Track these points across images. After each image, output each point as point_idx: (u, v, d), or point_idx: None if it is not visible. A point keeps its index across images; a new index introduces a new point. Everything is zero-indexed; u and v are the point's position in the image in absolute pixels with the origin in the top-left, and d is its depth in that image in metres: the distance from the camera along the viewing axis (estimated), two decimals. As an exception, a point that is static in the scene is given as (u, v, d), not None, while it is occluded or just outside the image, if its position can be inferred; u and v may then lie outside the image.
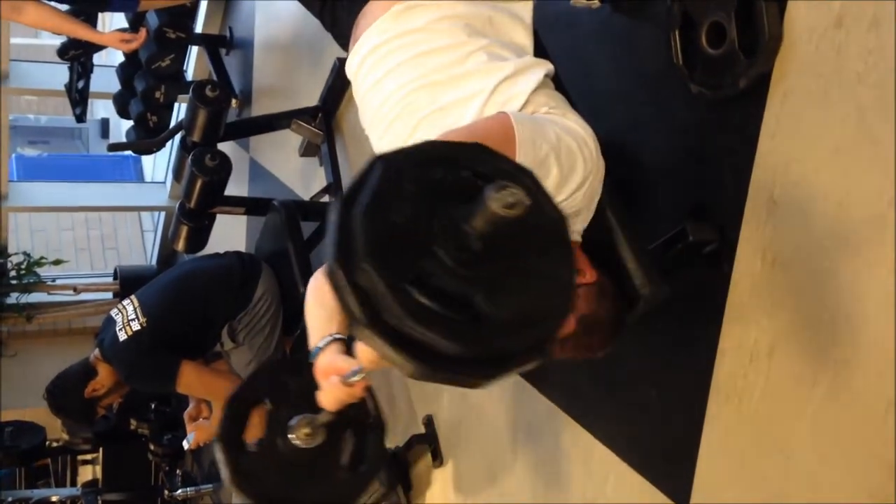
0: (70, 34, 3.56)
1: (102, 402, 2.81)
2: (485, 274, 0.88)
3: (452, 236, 0.87)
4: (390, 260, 0.86)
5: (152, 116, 4.39)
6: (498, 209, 0.81)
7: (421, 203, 0.90)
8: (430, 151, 0.97)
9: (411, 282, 0.86)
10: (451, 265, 0.87)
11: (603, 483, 1.89)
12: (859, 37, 1.28)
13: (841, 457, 1.34)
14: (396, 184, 0.91)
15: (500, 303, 0.88)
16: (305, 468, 1.58)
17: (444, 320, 0.86)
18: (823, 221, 1.35)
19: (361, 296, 0.85)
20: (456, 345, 0.85)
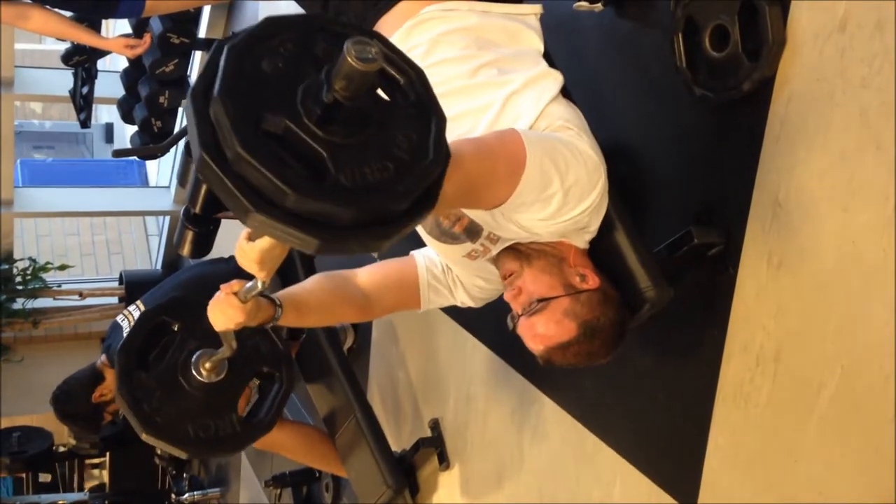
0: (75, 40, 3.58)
1: (109, 407, 2.81)
2: (340, 139, 0.88)
3: (314, 95, 0.88)
4: (245, 100, 0.86)
5: (156, 121, 4.40)
6: (352, 62, 0.82)
7: (294, 62, 0.91)
8: (319, 21, 0.97)
9: (264, 129, 0.86)
10: (307, 123, 0.87)
11: (610, 486, 1.89)
12: (863, 40, 1.28)
13: (847, 460, 1.34)
14: (276, 37, 0.92)
15: (346, 169, 0.88)
16: (201, 404, 1.62)
17: (283, 166, 0.85)
18: (829, 225, 1.35)
19: (207, 126, 0.86)
20: (286, 189, 0.84)
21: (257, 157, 0.84)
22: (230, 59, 0.88)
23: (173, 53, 4.10)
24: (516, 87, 1.38)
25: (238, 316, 1.38)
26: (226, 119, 0.84)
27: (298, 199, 0.85)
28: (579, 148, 1.33)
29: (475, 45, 1.42)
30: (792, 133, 1.41)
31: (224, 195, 0.86)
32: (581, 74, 1.83)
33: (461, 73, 1.40)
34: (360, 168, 0.89)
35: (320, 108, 0.87)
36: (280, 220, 0.86)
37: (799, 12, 1.39)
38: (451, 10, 1.45)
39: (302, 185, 0.85)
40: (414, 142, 0.94)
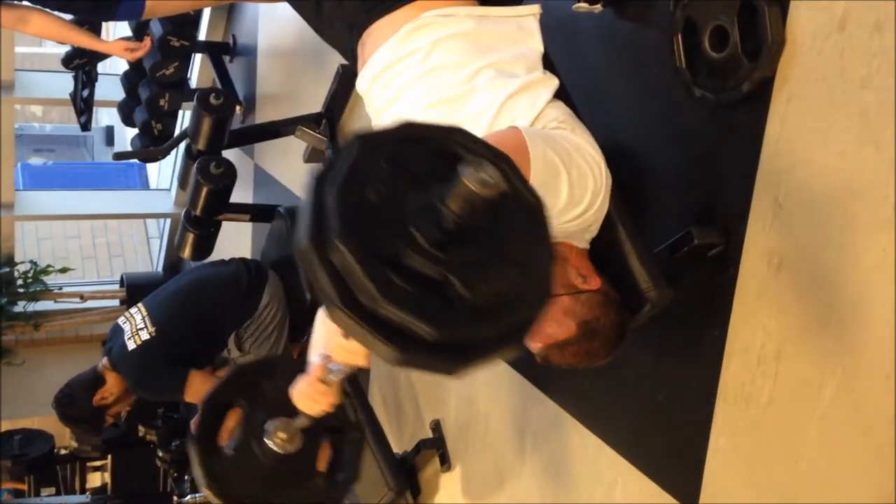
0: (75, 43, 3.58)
1: (111, 410, 2.82)
2: (460, 257, 0.86)
3: (428, 217, 0.84)
4: (364, 238, 0.83)
5: (157, 124, 4.41)
6: (473, 187, 0.80)
7: (396, 182, 0.88)
8: (407, 130, 0.94)
9: (385, 261, 0.83)
10: (426, 246, 0.84)
11: (611, 486, 1.89)
12: (862, 40, 1.28)
13: (848, 460, 1.34)
14: (372, 162, 0.89)
15: (476, 287, 0.86)
16: (281, 474, 1.57)
17: (418, 302, 0.83)
18: (829, 225, 1.35)
19: (334, 275, 0.83)
20: (430, 327, 0.82)
21: (397, 302, 0.82)
22: (340, 200, 0.84)
23: (173, 56, 4.11)
24: (514, 89, 1.38)
25: (330, 399, 1.31)
26: (355, 265, 0.82)
27: (443, 334, 0.84)
28: (577, 143, 1.34)
29: (474, 51, 1.42)
30: (791, 133, 1.42)
31: (367, 343, 0.84)
32: (581, 75, 1.83)
33: (460, 78, 1.40)
34: (488, 282, 0.88)
35: (441, 234, 0.85)
36: (427, 356, 0.85)
37: (798, 12, 1.39)
38: (450, 16, 1.45)
39: (443, 321, 0.84)
40: (526, 240, 0.93)
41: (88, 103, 4.53)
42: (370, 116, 1.56)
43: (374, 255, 0.83)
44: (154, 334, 2.59)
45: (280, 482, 1.56)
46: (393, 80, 1.45)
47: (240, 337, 2.68)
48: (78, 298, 5.36)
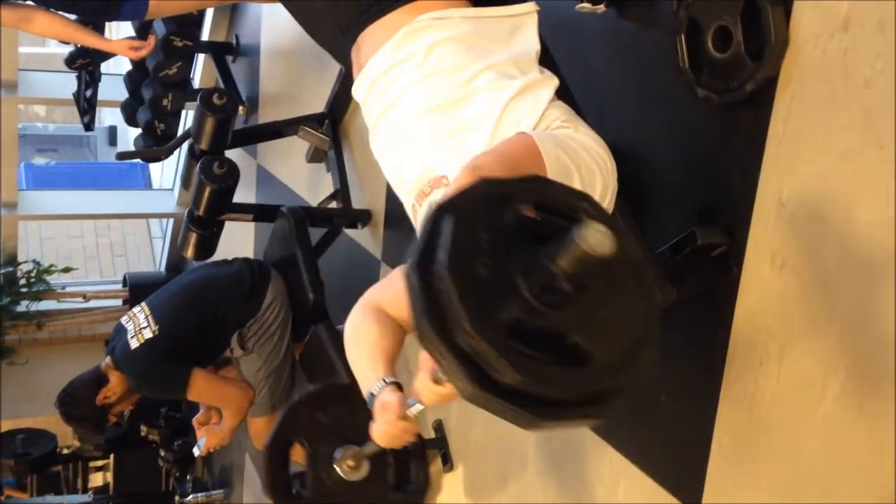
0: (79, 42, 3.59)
1: (114, 409, 2.82)
2: (576, 313, 0.87)
3: (538, 279, 0.86)
4: (485, 316, 0.85)
5: (160, 124, 4.41)
6: (589, 249, 0.81)
7: (499, 249, 0.89)
8: (491, 191, 0.95)
9: (509, 333, 0.85)
10: (542, 309, 0.86)
11: (614, 487, 1.89)
12: (866, 40, 1.28)
13: (852, 460, 1.34)
14: (470, 233, 0.89)
15: (598, 339, 0.88)
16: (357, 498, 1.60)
17: (548, 368, 0.86)
18: (832, 225, 1.35)
19: (464, 359, 0.85)
20: (563, 390, 0.86)
21: (532, 377, 0.84)
22: (456, 284, 0.85)
23: (177, 56, 4.12)
24: (514, 92, 1.38)
25: (412, 432, 1.34)
26: (488, 348, 0.84)
27: (577, 394, 0.87)
28: (583, 142, 1.35)
29: (470, 53, 1.42)
30: (795, 133, 1.42)
31: (504, 415, 0.87)
32: (583, 76, 1.83)
33: (458, 82, 1.40)
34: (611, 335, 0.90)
35: (557, 295, 0.86)
36: (563, 417, 0.88)
37: (801, 12, 1.39)
38: (445, 19, 1.44)
39: (577, 383, 0.87)
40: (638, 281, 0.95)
41: (92, 103, 4.54)
42: (367, 124, 1.56)
43: (498, 331, 0.85)
44: (157, 333, 2.60)
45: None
46: (390, 85, 1.45)
47: (243, 336, 2.68)
48: (81, 298, 5.37)
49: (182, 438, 4.73)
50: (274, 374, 2.71)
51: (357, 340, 1.45)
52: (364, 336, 1.46)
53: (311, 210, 3.26)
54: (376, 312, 1.50)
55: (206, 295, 2.76)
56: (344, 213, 3.17)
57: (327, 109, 3.35)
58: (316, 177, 3.63)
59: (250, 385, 2.72)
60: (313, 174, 3.65)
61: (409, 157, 1.45)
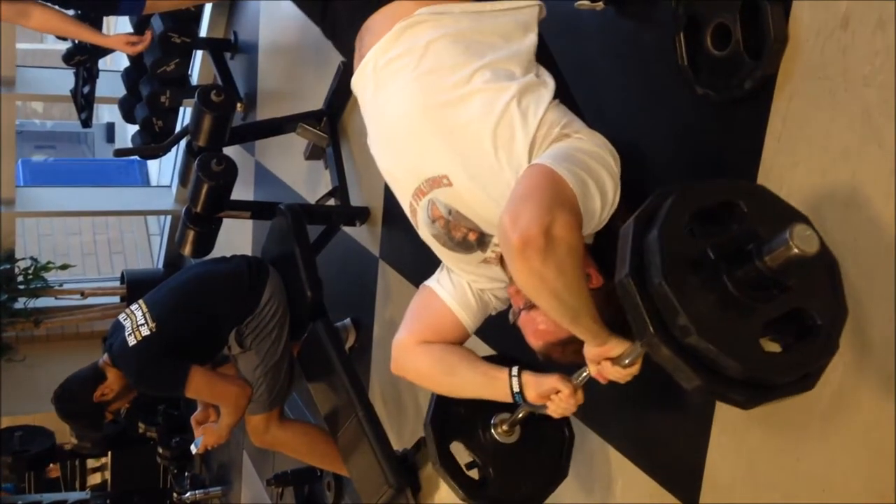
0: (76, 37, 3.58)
1: (111, 406, 2.81)
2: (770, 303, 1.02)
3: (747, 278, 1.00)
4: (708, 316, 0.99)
5: (158, 121, 4.41)
6: (799, 250, 0.94)
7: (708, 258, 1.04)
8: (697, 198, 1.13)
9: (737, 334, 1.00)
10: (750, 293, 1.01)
11: (612, 484, 1.89)
12: (865, 38, 1.28)
13: (850, 458, 1.34)
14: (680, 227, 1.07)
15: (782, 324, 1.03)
16: (518, 463, 1.73)
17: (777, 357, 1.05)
18: (830, 223, 1.35)
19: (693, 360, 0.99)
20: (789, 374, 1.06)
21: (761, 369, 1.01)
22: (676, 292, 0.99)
23: (174, 53, 4.11)
24: (512, 94, 1.37)
25: (580, 399, 1.51)
26: (713, 350, 0.97)
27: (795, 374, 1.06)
28: (588, 150, 1.34)
29: (468, 51, 1.40)
30: (794, 131, 1.41)
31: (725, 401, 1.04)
32: (582, 73, 1.83)
33: (456, 81, 1.38)
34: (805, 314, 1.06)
35: (754, 287, 1.01)
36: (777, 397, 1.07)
37: (800, 10, 1.39)
38: (444, 13, 1.43)
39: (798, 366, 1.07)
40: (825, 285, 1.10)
41: (89, 100, 4.53)
42: (363, 116, 1.55)
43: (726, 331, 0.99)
44: (154, 330, 2.59)
45: (521, 470, 1.73)
46: (387, 80, 1.44)
47: (241, 333, 2.67)
48: (79, 295, 5.37)
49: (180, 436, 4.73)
50: (272, 371, 2.70)
51: (446, 373, 1.60)
52: (447, 366, 1.60)
53: (310, 207, 3.25)
54: (427, 346, 1.62)
55: (204, 292, 2.75)
56: (342, 211, 3.16)
57: (325, 106, 3.35)
58: (314, 174, 3.62)
59: (248, 382, 2.71)
60: (311, 171, 3.65)
61: (406, 154, 1.45)
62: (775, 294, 1.02)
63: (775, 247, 0.96)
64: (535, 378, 1.51)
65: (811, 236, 0.94)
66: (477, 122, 1.37)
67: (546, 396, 1.50)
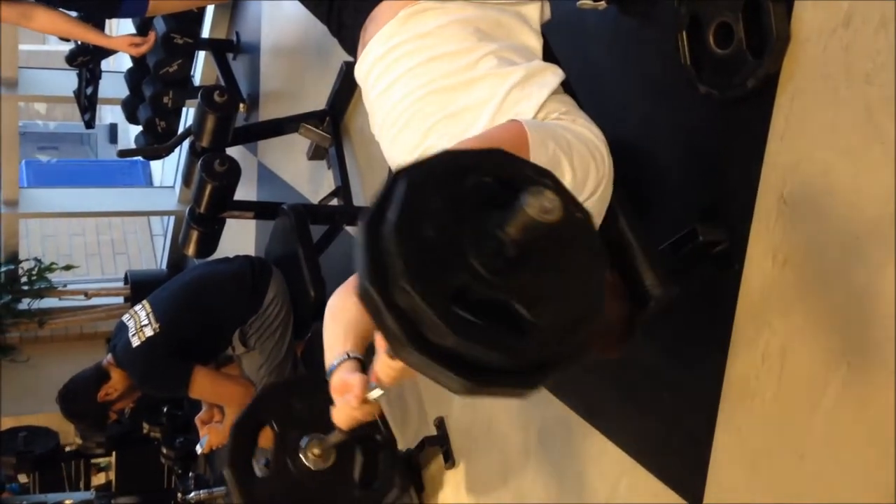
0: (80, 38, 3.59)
1: (115, 406, 2.83)
2: (522, 281, 0.86)
3: (486, 245, 0.85)
4: (427, 276, 0.84)
5: (161, 122, 4.42)
6: (535, 215, 0.80)
7: (449, 215, 0.89)
8: (451, 162, 0.95)
9: (451, 297, 0.84)
10: (487, 275, 0.85)
11: (616, 484, 1.89)
12: (868, 36, 1.28)
13: (855, 457, 1.34)
14: (422, 197, 0.89)
15: (541, 309, 0.87)
16: (318, 489, 1.58)
17: (489, 333, 0.84)
18: (834, 221, 1.35)
19: (401, 316, 0.84)
20: (503, 356, 0.84)
21: (468, 338, 0.83)
22: (399, 241, 0.85)
23: (177, 54, 4.12)
24: (517, 79, 1.37)
25: (372, 414, 1.33)
26: (424, 306, 0.83)
27: (515, 361, 0.85)
28: (578, 132, 1.34)
29: (473, 38, 1.41)
30: (796, 129, 1.41)
31: (438, 378, 0.86)
32: (585, 72, 1.83)
33: (460, 66, 1.39)
34: (555, 305, 0.89)
35: (504, 262, 0.85)
36: (499, 384, 0.86)
37: (803, 8, 1.38)
38: (448, 2, 1.43)
39: (515, 350, 0.85)
40: (586, 257, 0.94)
41: (92, 101, 4.54)
42: (366, 104, 1.55)
43: (439, 292, 0.84)
44: (158, 330, 2.60)
45: (320, 498, 1.57)
46: (390, 67, 1.44)
47: (244, 333, 2.68)
48: (82, 296, 5.37)
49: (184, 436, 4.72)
50: (276, 371, 2.71)
51: (334, 318, 1.43)
52: (342, 313, 1.44)
53: (313, 207, 3.26)
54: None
55: (208, 292, 2.76)
56: (345, 211, 3.16)
57: (328, 106, 3.35)
58: (317, 174, 3.62)
59: (252, 382, 2.72)
60: (314, 171, 3.65)
61: (407, 139, 1.45)
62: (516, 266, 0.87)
63: (513, 214, 0.83)
64: (358, 375, 1.30)
65: (550, 198, 0.81)
66: (479, 105, 1.37)
67: (338, 391, 1.31)
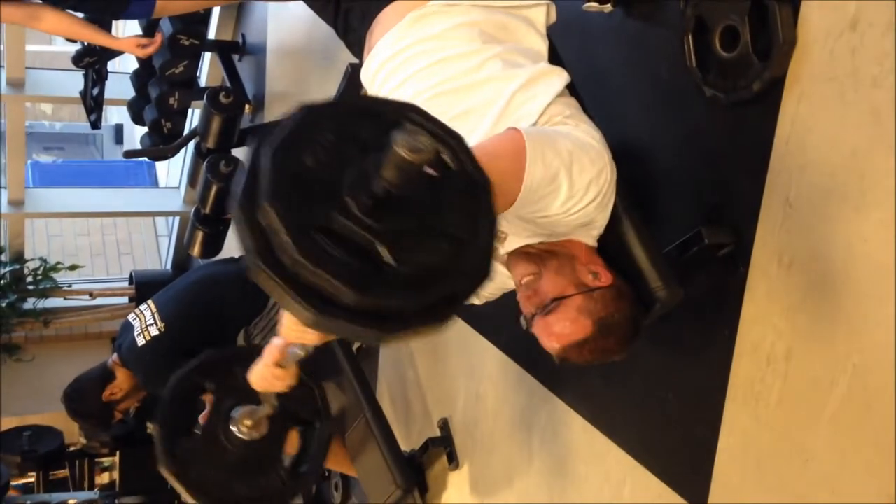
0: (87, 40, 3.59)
1: (120, 406, 2.83)
2: (391, 226, 0.85)
3: (362, 186, 0.85)
4: (294, 201, 0.84)
5: (166, 123, 4.42)
6: (404, 153, 0.79)
7: (336, 151, 0.89)
8: (356, 104, 0.95)
9: (315, 227, 0.83)
10: (356, 213, 0.85)
11: (620, 486, 1.89)
12: (874, 40, 1.28)
13: (859, 459, 1.34)
14: (315, 128, 0.89)
15: (403, 256, 0.85)
16: (245, 461, 1.61)
17: (340, 265, 0.82)
18: (839, 224, 1.35)
19: (259, 234, 0.83)
20: (349, 290, 0.82)
21: (317, 264, 0.82)
22: (274, 162, 0.85)
23: (183, 55, 4.12)
24: (522, 82, 1.38)
25: (285, 382, 1.37)
26: (279, 226, 0.82)
27: (364, 299, 0.83)
28: (578, 137, 1.34)
29: (479, 40, 1.42)
30: (802, 132, 1.41)
31: (284, 303, 0.84)
32: (591, 75, 1.83)
33: (467, 68, 1.40)
34: (419, 254, 0.87)
35: (372, 200, 0.85)
36: (346, 320, 0.84)
37: (809, 12, 1.39)
38: (455, 5, 1.45)
39: (365, 285, 0.83)
40: (466, 214, 0.92)
41: (98, 101, 4.54)
42: None
43: (303, 219, 0.83)
44: (163, 330, 2.61)
45: (243, 470, 1.58)
46: (397, 69, 1.45)
47: (249, 334, 2.69)
48: (87, 296, 5.38)
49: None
50: (280, 371, 2.71)
51: None
52: None
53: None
54: None
55: (213, 293, 2.77)
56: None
57: (333, 108, 3.35)
58: (322, 175, 3.62)
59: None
60: (319, 173, 3.65)
61: None
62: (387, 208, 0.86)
63: (386, 152, 0.82)
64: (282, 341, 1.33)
65: (423, 140, 0.81)
66: (484, 107, 1.38)
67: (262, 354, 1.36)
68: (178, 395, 1.66)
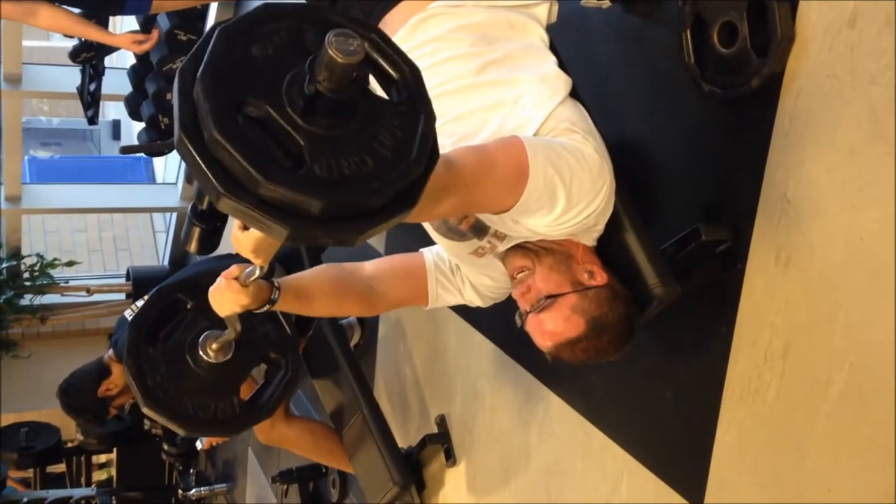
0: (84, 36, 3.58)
1: (115, 401, 2.83)
2: (319, 129, 0.88)
3: (299, 84, 0.87)
4: (227, 81, 0.86)
5: (164, 118, 4.41)
6: (334, 54, 0.82)
7: (286, 50, 0.91)
8: (321, 15, 0.97)
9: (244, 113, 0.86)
10: (288, 110, 0.87)
11: (617, 483, 1.89)
12: (873, 36, 1.28)
13: (856, 457, 1.34)
14: (271, 25, 0.92)
15: (321, 159, 0.87)
16: (203, 383, 1.66)
17: (254, 148, 0.85)
18: (837, 221, 1.35)
19: (189, 106, 0.86)
20: (255, 173, 0.84)
21: (231, 141, 0.84)
22: (219, 41, 0.88)
23: (181, 50, 4.12)
24: (526, 87, 1.37)
25: (240, 300, 1.41)
26: (205, 100, 0.85)
27: (269, 186, 0.84)
28: (584, 153, 1.33)
29: (482, 42, 1.42)
30: (800, 129, 1.41)
31: (198, 176, 0.86)
32: (589, 71, 1.83)
33: (468, 70, 1.40)
34: (338, 161, 0.88)
35: (303, 99, 0.87)
36: (251, 205, 0.85)
37: (808, 8, 1.38)
38: (458, 7, 1.44)
39: (273, 173, 0.85)
40: (398, 139, 0.93)
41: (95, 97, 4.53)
42: None
43: (230, 98, 0.86)
44: (160, 327, 2.60)
45: (199, 390, 1.63)
46: None
47: (246, 330, 2.68)
48: (84, 292, 5.37)
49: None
50: (277, 368, 2.71)
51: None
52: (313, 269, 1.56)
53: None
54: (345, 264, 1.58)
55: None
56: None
57: (331, 104, 3.34)
58: (319, 171, 3.62)
59: (253, 379, 2.72)
60: (317, 169, 3.65)
61: None
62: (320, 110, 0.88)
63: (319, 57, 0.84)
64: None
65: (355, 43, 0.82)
66: (489, 109, 1.37)
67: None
68: (157, 304, 1.70)
